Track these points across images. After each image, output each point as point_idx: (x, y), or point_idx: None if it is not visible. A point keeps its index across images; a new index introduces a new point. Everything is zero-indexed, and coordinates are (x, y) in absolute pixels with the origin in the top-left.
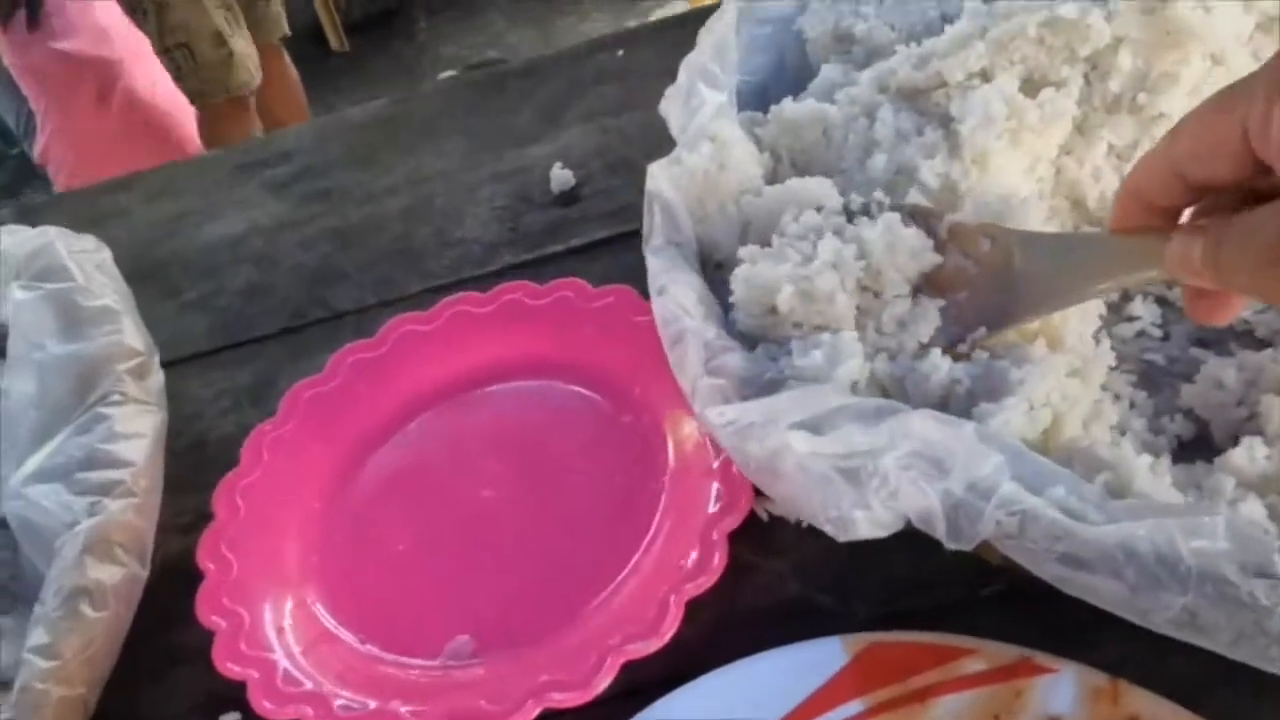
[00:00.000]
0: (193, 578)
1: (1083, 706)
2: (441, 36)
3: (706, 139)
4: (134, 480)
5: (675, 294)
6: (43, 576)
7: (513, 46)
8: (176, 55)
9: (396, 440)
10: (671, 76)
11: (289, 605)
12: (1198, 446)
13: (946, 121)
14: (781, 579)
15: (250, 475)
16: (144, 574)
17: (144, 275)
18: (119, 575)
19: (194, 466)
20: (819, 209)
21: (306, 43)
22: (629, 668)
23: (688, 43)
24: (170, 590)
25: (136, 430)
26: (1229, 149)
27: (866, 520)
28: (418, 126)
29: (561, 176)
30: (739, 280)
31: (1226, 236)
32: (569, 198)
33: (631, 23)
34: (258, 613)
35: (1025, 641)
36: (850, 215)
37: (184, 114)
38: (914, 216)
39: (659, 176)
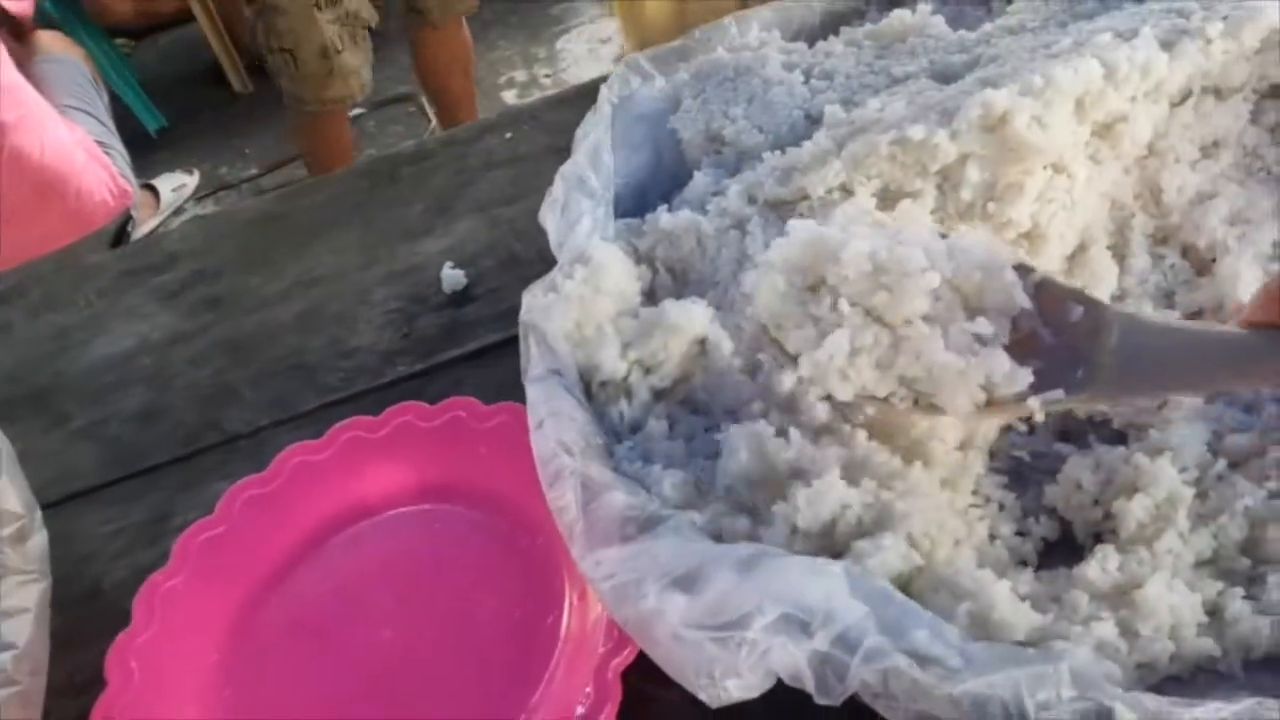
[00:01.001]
0: None
1: None
2: None
3: (580, 264)
4: (15, 667)
5: (553, 428)
6: None
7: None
8: (279, 59)
9: (293, 581)
10: (557, 158)
11: None
12: (1064, 547)
13: None
14: (677, 709)
15: (143, 634)
16: None
17: (28, 401)
18: None
19: (87, 618)
20: None
21: (207, 86)
22: None
23: (571, 123)
24: None
25: (18, 605)
26: None
27: (737, 686)
28: (309, 222)
29: (453, 277)
30: (793, 232)
31: None
32: (461, 298)
33: (540, 51)
34: None
35: None
36: None
37: (78, 172)
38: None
39: (533, 308)
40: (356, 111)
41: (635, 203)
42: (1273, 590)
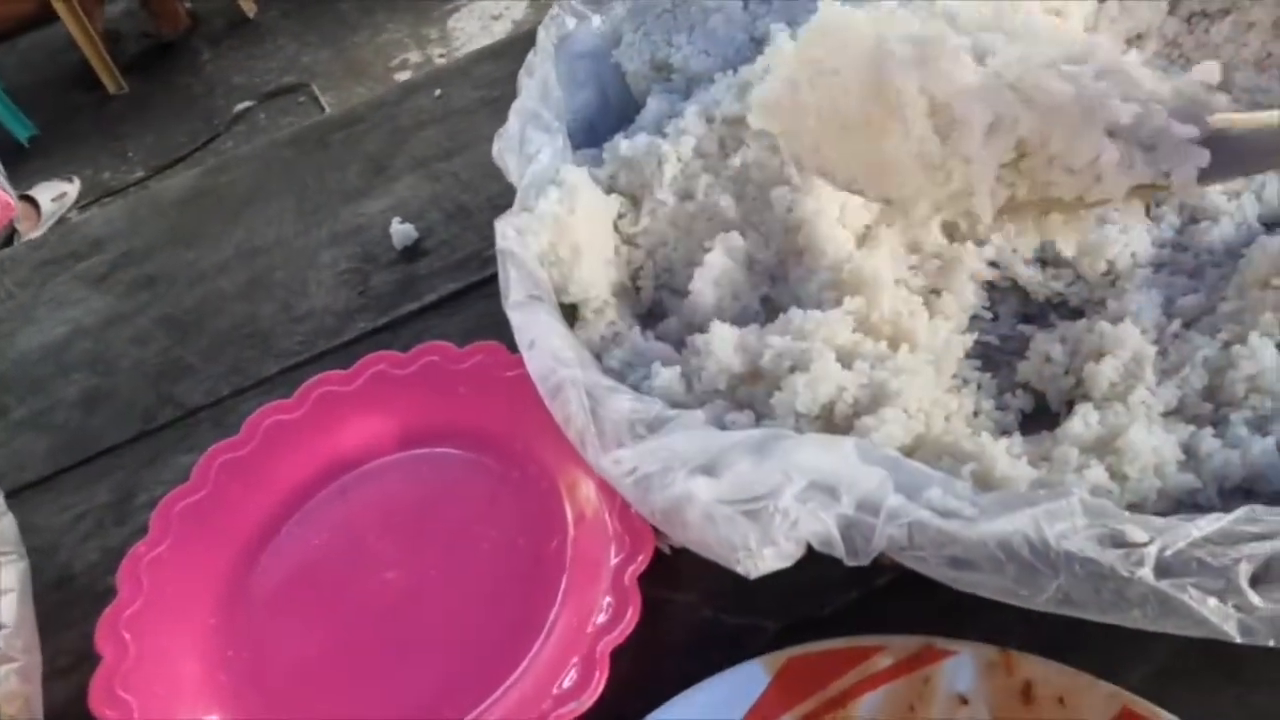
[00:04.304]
0: None
1: (982, 681)
2: (229, 66)
3: (552, 184)
4: (9, 644)
5: (547, 346)
6: None
7: (309, 68)
8: None
9: (283, 537)
10: (490, 110)
11: None
12: (1039, 417)
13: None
14: (692, 609)
15: (132, 605)
16: None
17: None
18: None
19: (62, 603)
20: None
21: (78, 89)
22: None
23: (501, 75)
24: None
25: (2, 586)
26: None
27: (773, 555)
28: (239, 194)
29: (403, 232)
30: None
31: None
32: (414, 252)
33: (431, 32)
34: None
35: (925, 621)
36: None
37: None
38: None
39: (508, 234)
40: (245, 104)
41: (585, 139)
42: (1236, 426)
